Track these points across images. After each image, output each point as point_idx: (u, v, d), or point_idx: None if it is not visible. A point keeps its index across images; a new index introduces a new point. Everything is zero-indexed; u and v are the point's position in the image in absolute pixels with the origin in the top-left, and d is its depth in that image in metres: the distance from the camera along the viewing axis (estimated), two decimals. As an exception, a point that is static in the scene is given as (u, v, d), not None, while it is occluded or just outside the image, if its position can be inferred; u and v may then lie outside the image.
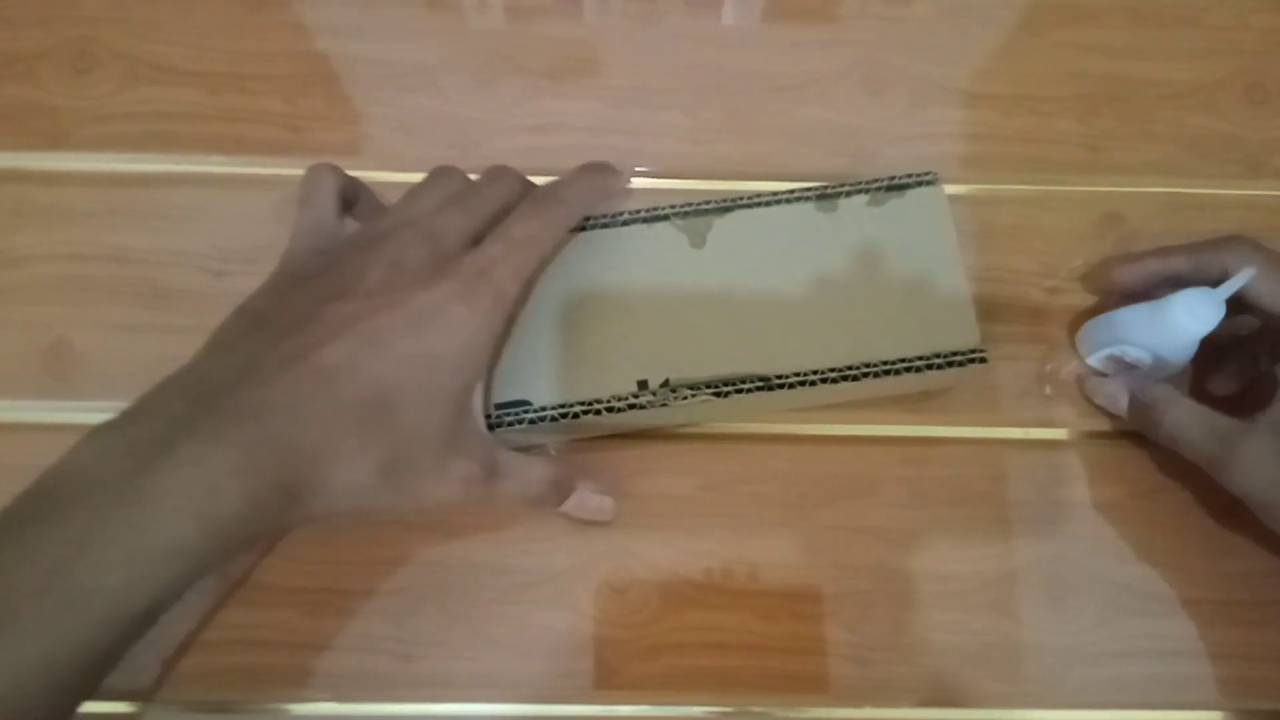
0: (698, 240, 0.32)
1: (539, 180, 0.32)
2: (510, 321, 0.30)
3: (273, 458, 0.24)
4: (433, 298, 0.26)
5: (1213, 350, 0.32)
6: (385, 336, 0.26)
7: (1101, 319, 0.34)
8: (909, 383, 0.32)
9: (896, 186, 0.33)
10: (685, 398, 0.30)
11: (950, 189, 0.33)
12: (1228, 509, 0.33)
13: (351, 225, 0.32)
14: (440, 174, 0.31)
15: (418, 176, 0.31)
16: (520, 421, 0.30)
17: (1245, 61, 0.39)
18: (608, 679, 0.31)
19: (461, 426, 0.28)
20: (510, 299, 0.28)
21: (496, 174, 0.31)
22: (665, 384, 0.31)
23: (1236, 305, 0.31)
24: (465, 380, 0.28)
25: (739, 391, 0.31)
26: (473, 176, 0.31)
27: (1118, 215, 0.37)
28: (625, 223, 0.33)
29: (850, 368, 0.31)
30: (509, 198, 0.30)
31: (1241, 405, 0.32)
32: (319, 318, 0.26)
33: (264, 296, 0.28)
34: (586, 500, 0.31)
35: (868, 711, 0.31)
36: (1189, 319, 0.30)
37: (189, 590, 0.23)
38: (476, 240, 0.29)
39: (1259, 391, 0.32)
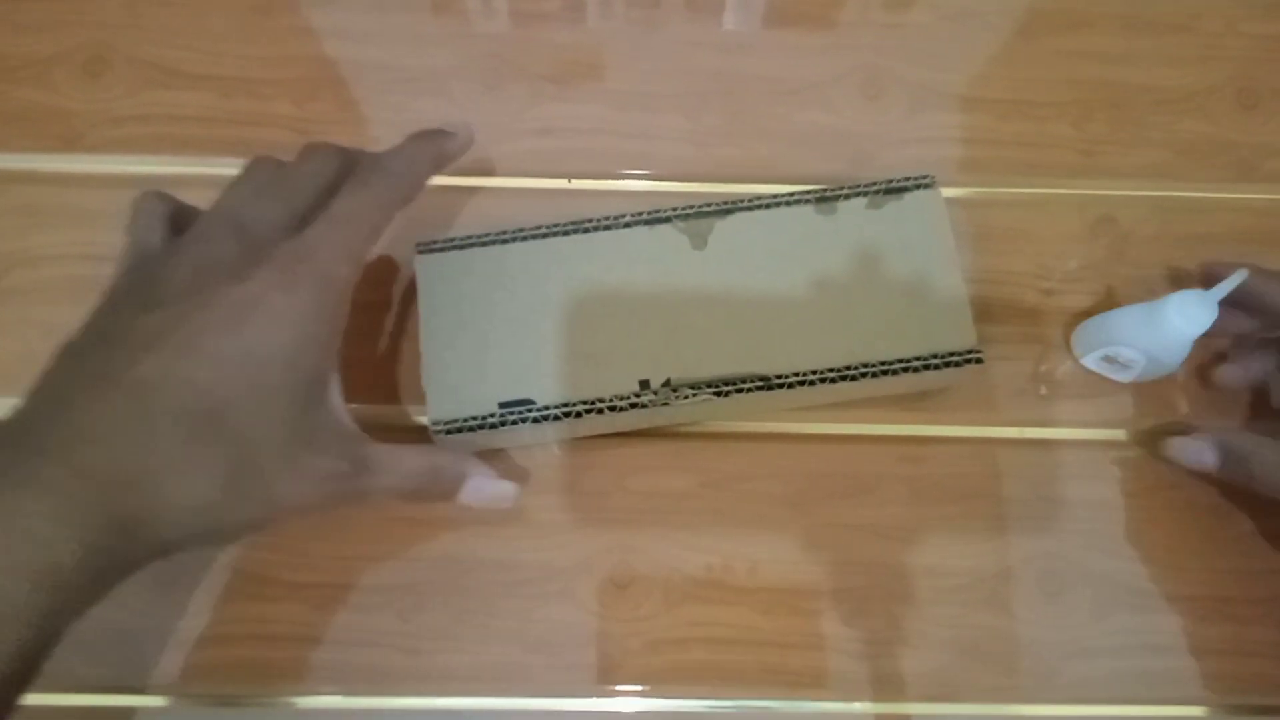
0: (699, 242, 0.33)
1: (541, 183, 0.32)
2: (344, 303, 0.27)
3: (99, 494, 0.22)
4: (246, 291, 0.24)
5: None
6: (200, 339, 0.24)
7: (1096, 320, 0.34)
8: (907, 383, 0.32)
9: (894, 189, 0.33)
10: (686, 397, 0.31)
11: (947, 192, 0.34)
12: (1219, 508, 0.34)
13: None
14: (251, 164, 0.29)
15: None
16: (524, 420, 0.31)
17: (1236, 67, 0.40)
18: (610, 673, 0.32)
19: (312, 422, 0.26)
20: (340, 279, 0.26)
21: (309, 152, 0.29)
22: (667, 383, 0.31)
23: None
24: (305, 372, 0.26)
25: (739, 391, 0.31)
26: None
27: (1111, 218, 0.38)
28: (628, 224, 0.33)
29: (849, 368, 0.31)
30: (329, 175, 0.28)
31: None
32: (128, 335, 0.24)
33: (80, 331, 0.26)
34: (482, 487, 0.30)
35: (865, 705, 0.32)
36: (1181, 320, 0.30)
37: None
38: (300, 225, 0.26)
39: None
